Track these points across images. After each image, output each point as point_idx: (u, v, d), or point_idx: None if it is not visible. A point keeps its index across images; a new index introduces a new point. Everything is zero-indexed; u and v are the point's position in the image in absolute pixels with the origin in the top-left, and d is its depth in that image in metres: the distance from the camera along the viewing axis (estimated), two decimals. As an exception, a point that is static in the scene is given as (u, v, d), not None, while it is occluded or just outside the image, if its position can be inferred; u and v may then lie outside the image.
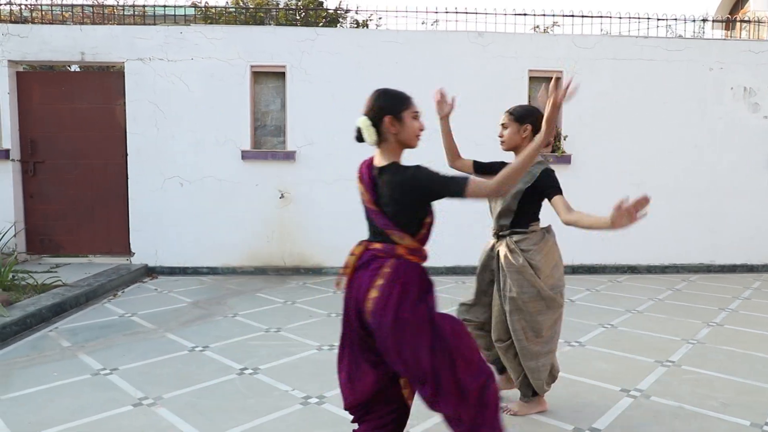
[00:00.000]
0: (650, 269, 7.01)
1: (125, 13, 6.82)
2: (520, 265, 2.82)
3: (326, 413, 3.08)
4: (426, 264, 2.27)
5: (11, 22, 6.81)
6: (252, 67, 6.64)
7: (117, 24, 6.91)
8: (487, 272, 3.06)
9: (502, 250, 2.91)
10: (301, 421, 2.99)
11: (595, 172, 6.88)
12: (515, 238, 2.89)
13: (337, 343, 2.38)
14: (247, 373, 3.68)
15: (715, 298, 5.73)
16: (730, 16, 13.92)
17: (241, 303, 5.49)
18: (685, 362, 3.85)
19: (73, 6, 6.58)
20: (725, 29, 11.54)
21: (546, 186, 2.81)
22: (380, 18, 7.77)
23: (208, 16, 7.18)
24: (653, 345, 4.23)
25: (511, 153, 2.97)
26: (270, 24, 7.31)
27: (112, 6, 7.00)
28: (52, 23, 6.76)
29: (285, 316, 5.03)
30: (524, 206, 2.88)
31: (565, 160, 6.80)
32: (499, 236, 2.98)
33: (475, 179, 2.02)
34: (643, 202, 2.04)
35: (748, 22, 8.25)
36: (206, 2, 7.00)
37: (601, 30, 6.95)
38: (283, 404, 3.19)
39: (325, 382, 3.49)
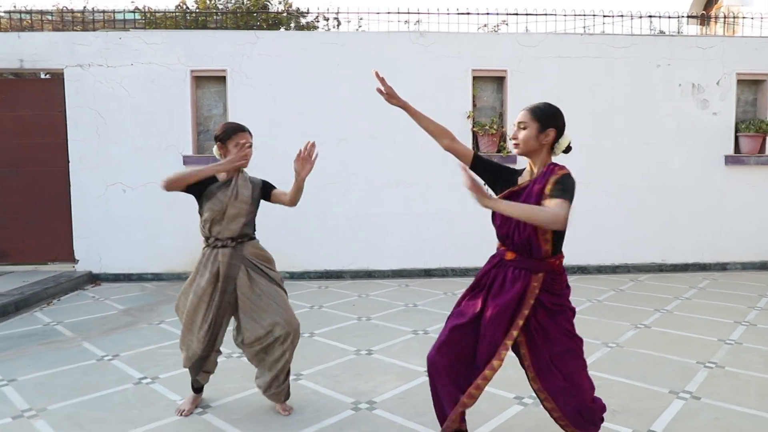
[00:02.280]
0: (600, 269, 6.93)
1: (65, 18, 6.78)
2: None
3: (203, 423, 3.02)
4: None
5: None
6: (192, 71, 6.59)
7: (55, 30, 6.85)
8: (231, 282, 3.07)
9: (252, 250, 3.17)
10: (174, 431, 2.93)
11: (542, 171, 6.81)
12: (254, 242, 3.21)
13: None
14: (144, 382, 3.62)
15: (656, 299, 5.65)
16: (705, 12, 13.84)
17: (173, 310, 5.42)
18: (594, 367, 3.75)
19: (11, 12, 6.54)
20: (700, 24, 11.46)
21: (268, 185, 3.30)
22: (347, 21, 7.71)
23: (151, 21, 7.13)
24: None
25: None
26: (213, 28, 7.26)
27: (48, 11, 6.93)
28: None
29: (210, 323, 4.96)
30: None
31: (511, 160, 6.71)
32: (237, 243, 3.10)
33: None
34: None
35: (708, 18, 8.16)
36: (147, 7, 6.94)
37: (546, 29, 6.87)
38: (164, 414, 3.13)
39: (218, 390, 3.43)
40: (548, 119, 2.40)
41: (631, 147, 6.90)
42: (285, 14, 7.11)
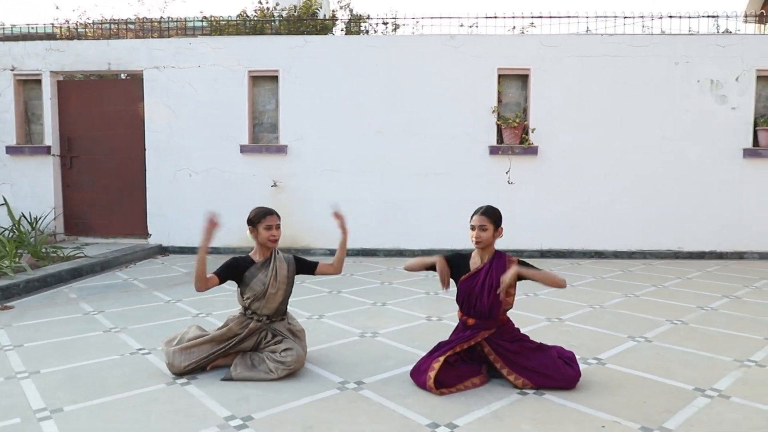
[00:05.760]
0: (617, 254, 7.38)
1: (145, 27, 7.96)
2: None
3: (243, 340, 3.85)
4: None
5: (51, 38, 8.05)
6: (250, 72, 7.57)
7: (136, 37, 8.04)
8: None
9: (284, 327, 3.35)
10: (220, 344, 3.77)
11: (561, 163, 7.35)
12: (285, 321, 3.40)
13: None
14: (200, 316, 4.52)
15: (657, 278, 6.11)
16: (764, 11, 13.70)
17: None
18: (659, 339, 3.87)
19: (102, 23, 7.77)
20: (758, 23, 11.49)
21: (302, 261, 3.50)
22: (393, 26, 8.53)
23: (216, 28, 8.20)
24: (641, 325, 4.70)
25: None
26: (268, 33, 8.24)
27: (131, 21, 8.14)
28: (84, 38, 7.95)
29: (257, 283, 5.85)
30: None
31: (532, 151, 7.31)
32: (272, 321, 3.31)
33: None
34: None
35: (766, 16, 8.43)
36: (212, 15, 8.03)
37: (569, 31, 7.41)
38: (213, 334, 3.99)
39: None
40: (499, 220, 3.09)
41: (650, 141, 7.31)
42: (330, 21, 7.99)
